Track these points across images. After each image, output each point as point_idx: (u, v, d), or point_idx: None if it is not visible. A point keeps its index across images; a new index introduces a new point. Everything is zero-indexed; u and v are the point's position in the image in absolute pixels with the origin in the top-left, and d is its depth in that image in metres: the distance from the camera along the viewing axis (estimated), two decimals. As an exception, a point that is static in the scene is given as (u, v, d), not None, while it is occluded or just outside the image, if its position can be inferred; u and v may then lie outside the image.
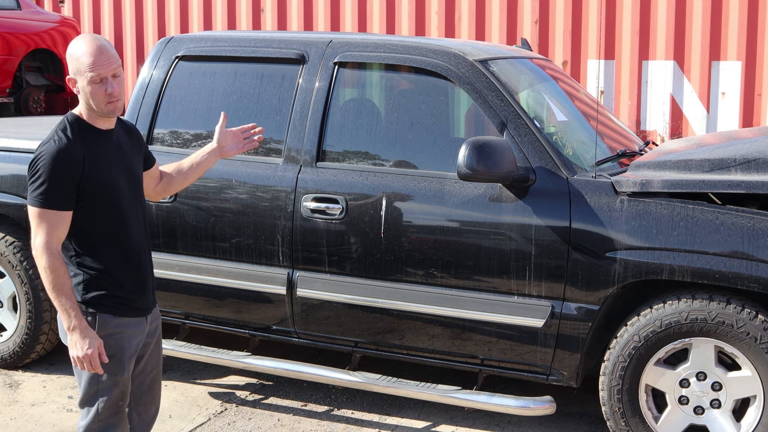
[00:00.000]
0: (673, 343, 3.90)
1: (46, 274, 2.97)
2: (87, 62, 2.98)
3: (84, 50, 3.00)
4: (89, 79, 2.99)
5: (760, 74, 7.68)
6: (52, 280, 2.97)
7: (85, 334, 2.99)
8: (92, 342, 3.00)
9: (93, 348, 2.99)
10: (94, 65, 2.98)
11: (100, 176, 3.04)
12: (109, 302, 3.09)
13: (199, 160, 3.50)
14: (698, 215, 3.86)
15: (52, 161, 2.96)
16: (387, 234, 4.26)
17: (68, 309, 2.98)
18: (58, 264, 2.97)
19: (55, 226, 2.98)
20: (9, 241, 5.07)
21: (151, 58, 4.94)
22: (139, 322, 3.20)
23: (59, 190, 2.97)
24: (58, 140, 3.00)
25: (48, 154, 2.97)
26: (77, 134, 3.04)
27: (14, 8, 9.84)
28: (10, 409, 4.72)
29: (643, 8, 7.98)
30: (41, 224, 2.98)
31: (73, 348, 3.01)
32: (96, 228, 3.07)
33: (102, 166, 3.06)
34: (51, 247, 2.97)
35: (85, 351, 2.98)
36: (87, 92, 3.02)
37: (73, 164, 2.98)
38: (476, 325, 4.20)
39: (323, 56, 4.57)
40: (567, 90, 5.08)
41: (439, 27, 8.69)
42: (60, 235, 3.00)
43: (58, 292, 2.97)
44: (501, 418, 4.60)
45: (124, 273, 3.13)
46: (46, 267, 2.96)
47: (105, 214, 3.08)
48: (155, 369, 3.37)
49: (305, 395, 4.90)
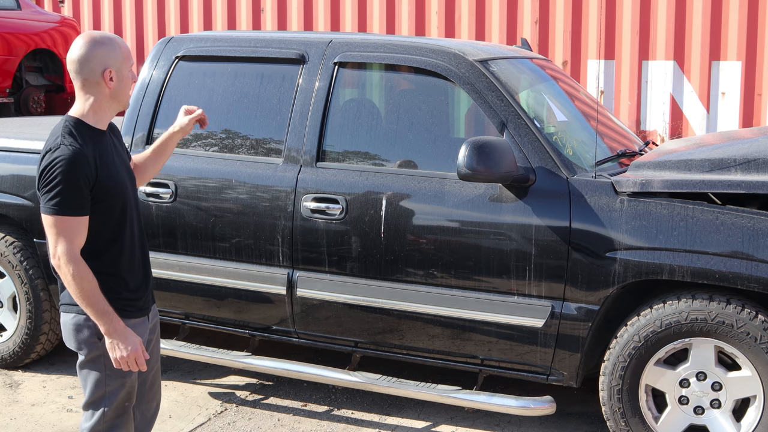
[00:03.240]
0: (673, 343, 3.90)
1: (75, 282, 2.93)
2: (125, 51, 3.05)
3: (116, 40, 3.06)
4: (130, 66, 3.06)
5: (760, 74, 7.68)
6: (83, 288, 2.93)
7: (125, 334, 2.99)
8: (134, 341, 3.00)
9: (136, 346, 3.00)
10: (129, 53, 3.07)
11: (110, 177, 3.04)
12: (118, 305, 3.07)
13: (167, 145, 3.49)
14: (698, 215, 3.86)
15: (69, 166, 2.91)
16: (387, 234, 4.26)
17: (104, 314, 2.96)
18: (84, 270, 2.93)
19: (75, 233, 2.94)
20: (9, 241, 5.06)
21: (151, 58, 4.94)
22: (142, 321, 3.20)
23: (77, 196, 2.94)
24: (70, 145, 2.95)
25: (64, 160, 2.92)
26: (84, 137, 3.02)
27: (14, 8, 9.85)
28: (10, 409, 4.72)
29: (643, 8, 7.99)
30: (61, 232, 2.93)
31: (116, 350, 2.98)
32: (106, 230, 3.06)
33: (109, 167, 3.05)
34: (75, 254, 2.93)
35: (129, 351, 2.98)
36: (127, 81, 3.06)
37: (88, 168, 2.96)
38: (476, 325, 4.20)
39: (323, 56, 4.57)
40: (567, 90, 5.08)
41: (439, 27, 8.70)
42: (80, 242, 2.96)
43: (90, 299, 2.94)
44: (501, 418, 4.60)
45: (130, 273, 3.13)
46: (75, 275, 2.92)
47: (115, 215, 3.07)
48: (156, 365, 3.38)
49: (305, 395, 4.90)
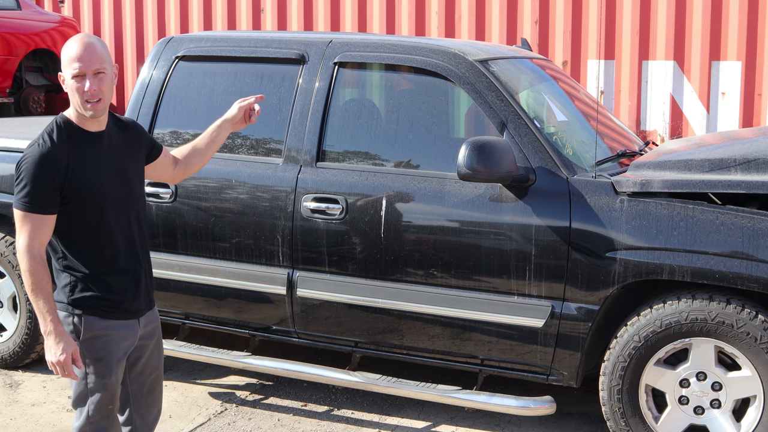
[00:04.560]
0: (673, 343, 3.90)
1: (25, 276, 2.96)
2: (70, 55, 3.01)
3: (71, 45, 3.04)
4: (70, 74, 3.01)
5: (760, 74, 7.67)
6: (31, 283, 2.95)
7: (59, 339, 2.96)
8: (66, 348, 2.96)
9: (66, 354, 2.96)
10: (76, 59, 3.00)
11: (85, 182, 3.02)
12: (95, 304, 3.07)
13: (213, 136, 3.49)
14: (698, 215, 3.86)
15: (34, 165, 2.95)
16: (387, 234, 4.26)
17: (45, 313, 2.96)
18: (38, 267, 2.95)
19: (37, 229, 2.96)
20: (9, 241, 5.07)
21: (151, 58, 4.94)
22: (129, 324, 3.16)
23: (42, 194, 2.96)
24: (42, 144, 2.99)
25: (31, 158, 2.97)
26: (64, 138, 3.02)
27: (14, 8, 9.85)
28: (10, 409, 4.72)
29: (643, 8, 7.98)
30: (24, 227, 2.97)
31: (48, 352, 2.98)
32: (80, 232, 3.06)
33: (88, 171, 3.03)
34: (32, 250, 2.96)
35: (58, 357, 2.95)
36: (69, 87, 3.03)
37: (55, 170, 2.96)
38: (476, 325, 4.20)
39: (323, 56, 4.57)
40: (567, 90, 5.08)
41: (439, 27, 8.69)
42: (43, 239, 2.98)
43: (36, 296, 2.96)
44: (501, 418, 4.60)
45: (112, 275, 3.10)
46: (26, 270, 2.95)
47: (89, 219, 3.05)
48: (155, 371, 3.34)
49: (305, 395, 4.90)
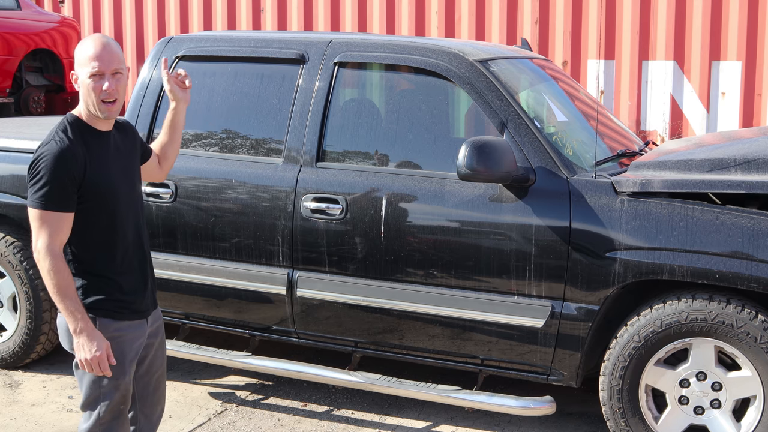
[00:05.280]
0: (673, 343, 3.90)
1: (50, 276, 2.93)
2: (89, 54, 3.00)
3: (89, 44, 3.03)
4: (89, 72, 3.00)
5: (760, 74, 7.68)
6: (56, 283, 2.93)
7: (92, 336, 2.95)
8: (100, 344, 2.96)
9: (101, 350, 2.95)
10: (95, 57, 3.00)
11: (100, 179, 3.03)
12: (109, 306, 3.07)
13: (171, 122, 3.47)
14: (698, 215, 3.86)
15: (54, 162, 2.93)
16: (387, 234, 4.26)
17: (74, 311, 2.94)
18: (61, 266, 2.93)
19: (57, 228, 2.95)
20: (9, 241, 5.07)
21: (151, 58, 4.94)
22: (139, 324, 3.17)
23: (61, 191, 2.94)
24: (59, 141, 2.97)
25: (50, 155, 2.94)
26: (78, 135, 3.02)
27: (14, 8, 9.85)
28: (10, 409, 4.72)
29: (643, 8, 7.98)
30: (43, 226, 2.94)
31: (81, 351, 2.97)
32: (94, 231, 3.05)
33: (101, 168, 3.04)
34: (54, 249, 2.94)
35: (93, 354, 2.94)
36: (85, 86, 3.02)
37: (75, 165, 2.96)
38: (476, 325, 4.20)
39: (323, 56, 4.57)
40: (567, 90, 5.08)
41: (439, 27, 8.69)
42: (62, 237, 2.97)
43: (62, 295, 2.94)
44: (501, 418, 4.60)
45: (123, 276, 3.11)
46: (50, 269, 2.92)
47: (103, 217, 3.05)
48: (159, 370, 3.35)
49: (305, 395, 4.90)
